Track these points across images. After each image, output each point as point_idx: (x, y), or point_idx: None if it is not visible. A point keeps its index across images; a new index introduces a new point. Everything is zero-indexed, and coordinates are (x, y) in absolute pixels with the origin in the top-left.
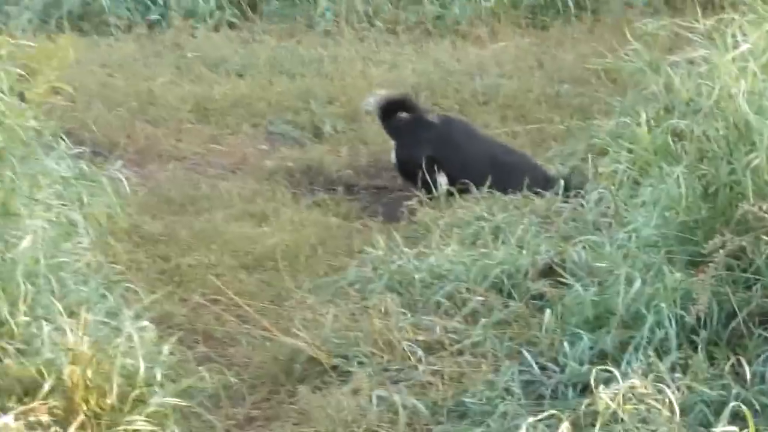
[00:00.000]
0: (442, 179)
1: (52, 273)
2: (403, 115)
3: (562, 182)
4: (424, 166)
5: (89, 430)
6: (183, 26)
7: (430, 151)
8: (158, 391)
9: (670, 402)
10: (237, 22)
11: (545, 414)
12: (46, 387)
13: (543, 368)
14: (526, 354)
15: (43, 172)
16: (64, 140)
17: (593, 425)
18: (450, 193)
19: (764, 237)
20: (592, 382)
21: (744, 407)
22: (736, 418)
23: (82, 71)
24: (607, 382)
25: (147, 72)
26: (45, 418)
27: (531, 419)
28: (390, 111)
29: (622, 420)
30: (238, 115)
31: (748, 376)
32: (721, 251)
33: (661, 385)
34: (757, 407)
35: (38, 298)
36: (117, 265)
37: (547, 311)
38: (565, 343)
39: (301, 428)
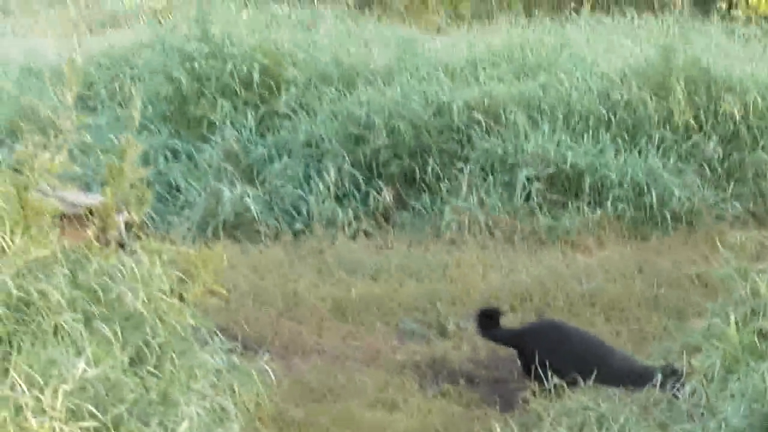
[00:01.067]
0: (555, 375)
1: None
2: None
3: (660, 376)
4: (538, 364)
5: None
6: (324, 234)
7: (544, 352)
8: None
9: None
10: (372, 230)
11: None
12: None
13: None
14: None
15: (198, 364)
16: (218, 336)
17: None
18: (560, 386)
19: None
20: None
21: None
22: None
23: (235, 274)
24: None
25: (292, 275)
26: None
27: None
28: (487, 323)
29: None
30: (372, 314)
31: None
32: None
33: None
34: None
35: None
36: None
37: None
38: None
39: None
